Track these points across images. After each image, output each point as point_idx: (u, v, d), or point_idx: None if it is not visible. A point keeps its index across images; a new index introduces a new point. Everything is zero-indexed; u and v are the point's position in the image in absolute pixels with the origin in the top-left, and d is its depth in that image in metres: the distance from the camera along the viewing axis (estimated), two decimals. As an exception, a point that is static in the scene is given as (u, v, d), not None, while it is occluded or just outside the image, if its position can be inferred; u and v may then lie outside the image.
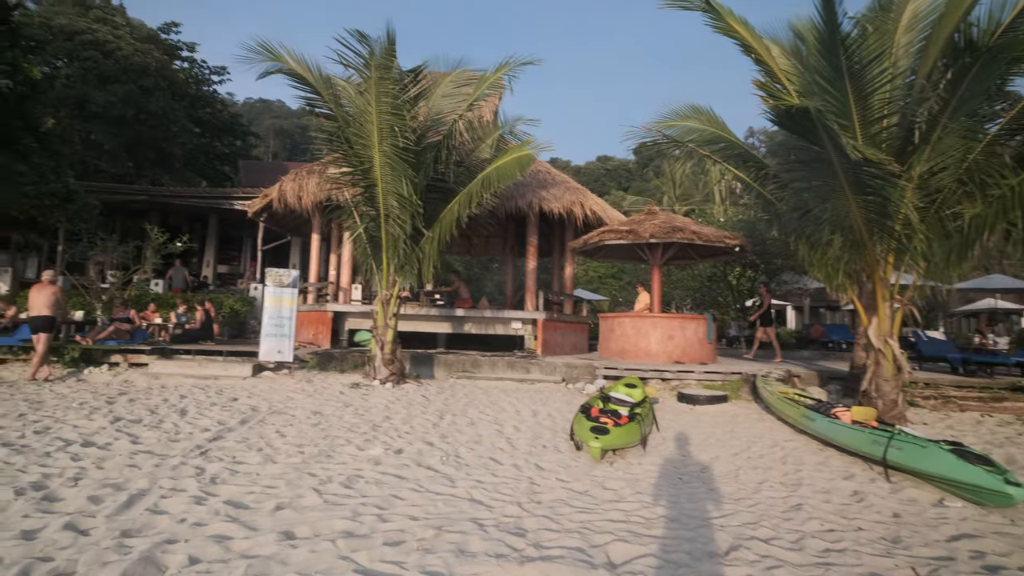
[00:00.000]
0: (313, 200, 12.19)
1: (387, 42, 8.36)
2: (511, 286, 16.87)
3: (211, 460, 4.78)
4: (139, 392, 7.84)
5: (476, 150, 10.60)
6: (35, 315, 8.68)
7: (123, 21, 26.36)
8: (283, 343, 10.00)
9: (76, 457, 4.72)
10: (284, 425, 6.16)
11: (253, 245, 16.68)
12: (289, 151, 52.72)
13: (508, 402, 8.17)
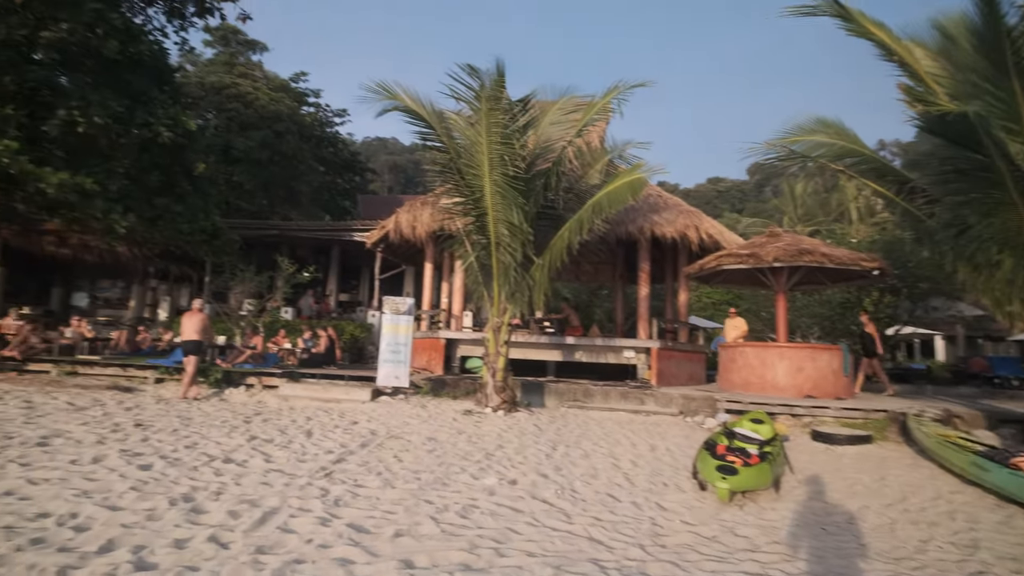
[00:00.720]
0: (426, 230, 12.65)
1: (496, 74, 8.56)
2: (621, 313, 16.44)
3: (334, 482, 4.93)
4: (271, 413, 8.38)
5: (585, 176, 10.51)
6: (186, 339, 9.65)
7: (261, 75, 29.41)
8: (400, 369, 10.33)
9: (218, 472, 5.05)
10: (401, 450, 6.28)
11: (371, 274, 17.61)
12: (403, 185, 55.80)
13: (623, 434, 7.83)
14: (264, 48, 31.99)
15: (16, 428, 6.38)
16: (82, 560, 3.15)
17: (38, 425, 6.60)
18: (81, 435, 6.19)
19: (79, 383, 10.07)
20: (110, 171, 12.56)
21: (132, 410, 7.95)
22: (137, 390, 10.02)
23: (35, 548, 3.28)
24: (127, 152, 12.98)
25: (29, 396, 8.62)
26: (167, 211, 13.41)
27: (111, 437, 6.18)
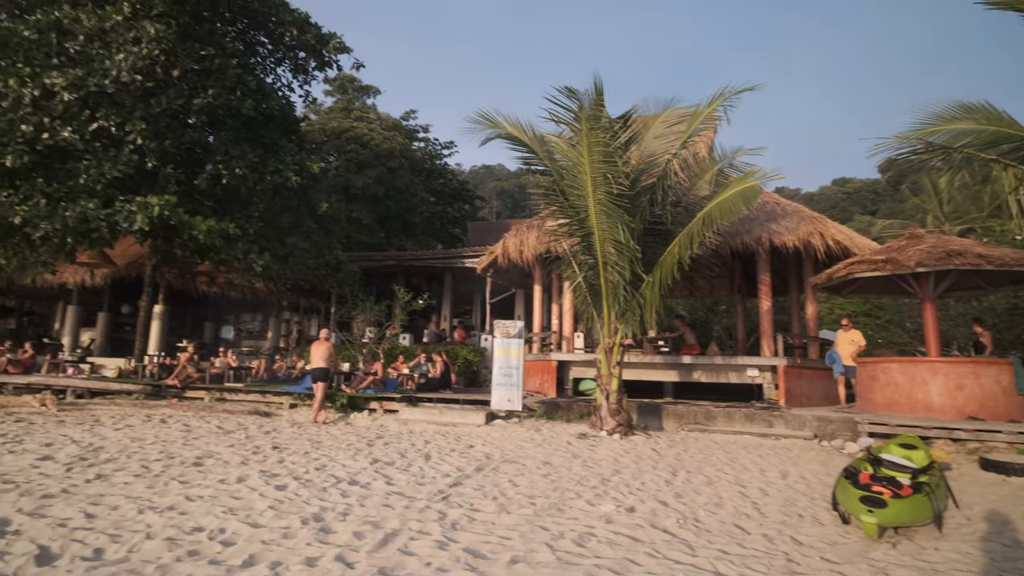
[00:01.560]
0: (533, 253, 12.75)
1: (595, 93, 8.53)
2: (743, 329, 15.52)
3: (452, 506, 5.00)
4: (392, 436, 8.74)
5: (693, 188, 10.14)
6: (315, 367, 10.37)
7: (375, 116, 31.59)
8: (512, 392, 10.40)
9: (345, 494, 5.31)
10: (516, 474, 6.27)
11: (483, 299, 18.04)
12: (511, 210, 56.96)
13: (750, 460, 7.30)
14: (377, 92, 34.44)
15: (177, 449, 7.15)
16: (228, 573, 3.41)
17: (194, 447, 7.35)
18: (228, 456, 6.81)
19: (226, 408, 11.13)
20: (248, 216, 13.97)
21: (270, 433, 8.64)
22: (274, 415, 10.89)
23: (191, 559, 3.61)
24: (262, 197, 14.39)
25: (187, 420, 9.65)
26: (296, 249, 14.64)
27: (253, 459, 6.73)
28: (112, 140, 12.49)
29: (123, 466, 6.15)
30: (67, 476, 5.68)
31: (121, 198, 11.89)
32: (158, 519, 4.38)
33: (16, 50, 12.84)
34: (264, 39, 16.90)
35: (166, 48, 12.58)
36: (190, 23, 14.18)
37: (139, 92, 12.68)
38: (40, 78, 11.93)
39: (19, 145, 11.32)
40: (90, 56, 12.72)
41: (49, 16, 12.77)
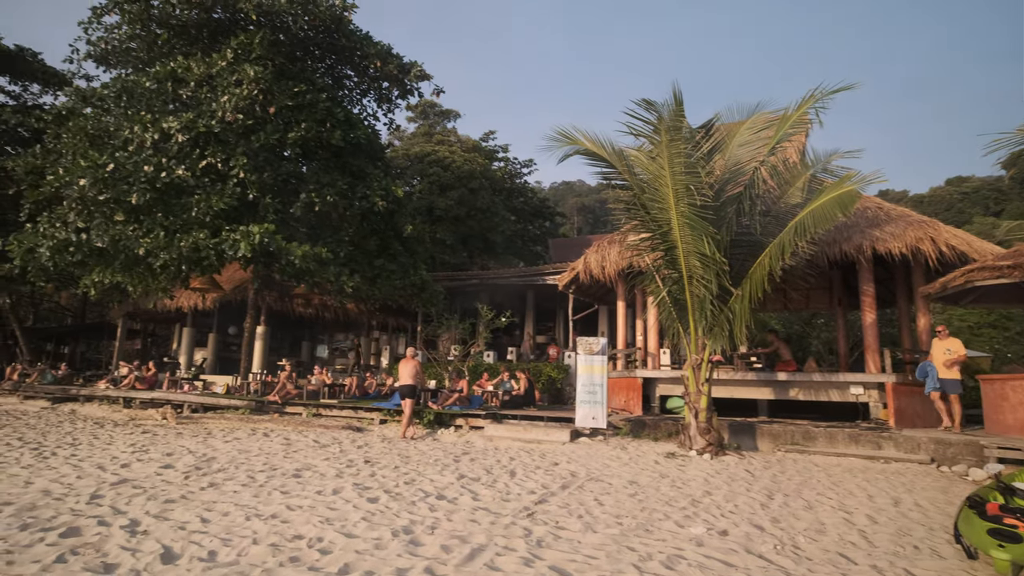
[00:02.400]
0: (615, 268, 12.60)
1: (674, 103, 8.37)
2: (845, 344, 14.51)
3: (537, 523, 4.98)
4: (478, 452, 8.84)
5: (784, 196, 9.67)
6: (402, 384, 10.71)
7: (455, 139, 32.56)
8: (596, 410, 10.26)
9: (433, 508, 5.42)
10: (602, 493, 6.16)
11: (566, 316, 17.98)
12: (592, 225, 56.69)
13: (856, 484, 6.78)
14: (457, 115, 35.52)
15: (278, 461, 7.59)
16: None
17: (293, 459, 7.77)
18: (324, 469, 7.14)
19: (322, 423, 11.70)
20: (339, 240, 14.75)
21: (362, 448, 8.98)
22: (366, 430, 11.32)
23: (293, 565, 3.81)
24: (351, 222, 15.15)
25: (287, 434, 10.23)
26: (384, 270, 15.27)
27: (347, 472, 7.03)
28: (219, 175, 13.64)
29: (232, 476, 6.60)
30: (185, 483, 6.18)
31: (227, 228, 12.92)
32: (263, 526, 4.66)
33: (140, 100, 14.37)
34: (350, 72, 17.97)
35: (264, 88, 13.63)
36: (284, 63, 15.30)
37: (241, 130, 13.79)
38: (159, 123, 13.27)
39: (142, 184, 12.59)
40: (199, 100, 14.00)
41: (166, 68, 14.21)
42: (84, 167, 12.57)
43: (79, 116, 15.46)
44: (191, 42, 15.72)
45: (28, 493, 5.66)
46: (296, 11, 15.01)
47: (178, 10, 14.71)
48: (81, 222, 12.88)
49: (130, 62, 16.19)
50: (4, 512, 4.96)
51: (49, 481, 6.20)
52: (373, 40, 16.77)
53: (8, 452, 8.05)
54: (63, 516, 4.85)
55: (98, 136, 14.31)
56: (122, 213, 12.75)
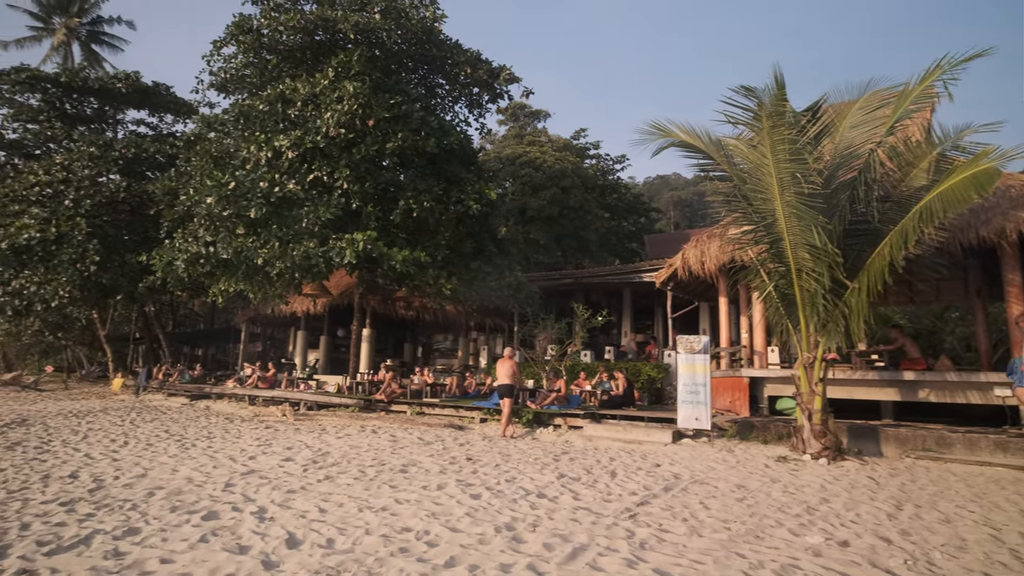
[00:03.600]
0: (716, 264, 12.09)
1: (776, 87, 7.90)
2: (986, 340, 13.00)
3: (639, 524, 4.89)
4: (577, 452, 8.81)
5: (906, 179, 8.83)
6: (500, 383, 10.88)
7: (546, 139, 32.63)
8: (699, 410, 9.91)
9: (534, 506, 5.47)
10: (707, 496, 5.93)
11: (664, 313, 17.51)
12: (689, 219, 54.79)
13: (1004, 497, 6.07)
14: (547, 115, 35.61)
15: (386, 457, 7.96)
16: (434, 571, 3.71)
17: (400, 456, 8.12)
18: (429, 465, 7.41)
19: (426, 421, 12.14)
20: (436, 244, 15.24)
21: (464, 446, 9.23)
22: (467, 428, 11.62)
23: (402, 555, 3.99)
24: (447, 226, 15.61)
25: (393, 431, 10.71)
26: (480, 272, 15.61)
27: (450, 468, 7.25)
28: (325, 187, 14.54)
29: (345, 470, 7.01)
30: (304, 475, 6.64)
31: (333, 237, 13.75)
32: (374, 518, 4.91)
33: (254, 122, 15.62)
34: (442, 80, 18.54)
35: (363, 102, 14.37)
36: (381, 77, 16.05)
37: (343, 143, 14.61)
38: (271, 142, 14.35)
39: (259, 199, 13.67)
40: (305, 118, 15.00)
41: (276, 90, 15.35)
42: (210, 186, 13.86)
43: (205, 140, 17.08)
44: (296, 64, 16.89)
45: (175, 479, 6.33)
46: (390, 26, 15.71)
47: (285, 36, 15.86)
48: (209, 236, 14.21)
49: (245, 87, 17.65)
50: (157, 495, 5.58)
51: (191, 470, 6.90)
52: (463, 48, 17.20)
53: (158, 443, 9.04)
54: (203, 501, 5.38)
55: (221, 158, 15.73)
56: (242, 227, 13.92)
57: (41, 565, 3.79)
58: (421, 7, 16.91)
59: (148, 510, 5.07)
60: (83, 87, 23.98)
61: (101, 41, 33.17)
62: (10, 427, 10.96)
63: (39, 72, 23.92)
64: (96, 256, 19.58)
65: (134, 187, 22.37)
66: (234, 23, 16.09)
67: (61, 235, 19.45)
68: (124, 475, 6.58)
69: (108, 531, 4.47)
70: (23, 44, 32.23)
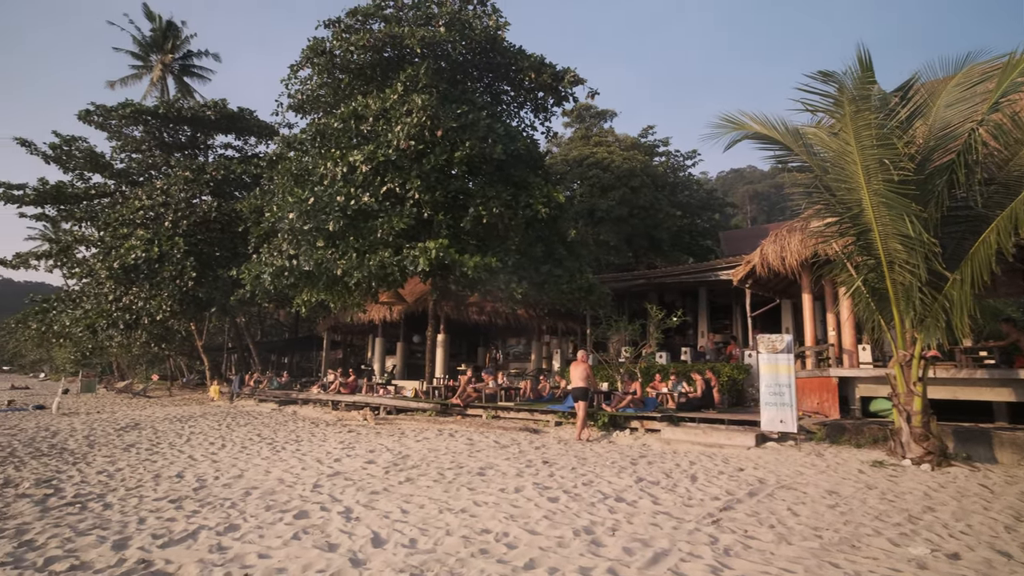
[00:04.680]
0: (798, 259, 11.54)
1: (859, 70, 7.44)
2: (1115, 333, 11.71)
3: (723, 530, 4.72)
4: (655, 456, 8.62)
5: (1014, 157, 8.08)
6: (575, 386, 10.82)
7: (613, 138, 32.20)
8: (784, 412, 9.46)
9: (612, 510, 5.40)
10: (795, 502, 5.65)
11: (743, 312, 16.87)
12: (767, 213, 52.55)
13: None
14: (613, 114, 35.16)
15: (464, 460, 8.10)
16: (514, 573, 3.74)
17: (477, 459, 8.23)
18: (505, 468, 7.47)
19: (501, 425, 12.25)
20: (506, 249, 15.38)
21: (540, 449, 9.24)
22: (542, 431, 11.62)
23: (483, 556, 4.05)
24: (516, 231, 15.72)
25: (470, 435, 10.87)
26: (550, 276, 15.61)
27: (526, 471, 7.28)
28: (397, 198, 15.00)
29: (424, 472, 7.19)
30: (386, 477, 6.87)
31: (407, 246, 14.16)
32: (454, 519, 5.01)
33: (330, 139, 16.36)
34: (507, 87, 18.73)
35: (431, 114, 14.73)
36: (447, 88, 16.40)
37: (413, 155, 15.03)
38: (346, 158, 14.97)
39: (336, 213, 14.29)
40: (377, 132, 15.54)
41: (349, 107, 16.01)
42: (291, 203, 14.62)
43: (285, 159, 18.06)
44: (367, 81, 17.56)
45: (268, 480, 6.70)
46: (454, 38, 16.04)
47: (355, 55, 16.53)
48: (292, 250, 14.99)
49: (320, 107, 18.52)
50: (252, 495, 5.93)
51: (282, 471, 7.28)
52: (526, 53, 17.31)
53: (252, 446, 9.61)
54: (294, 501, 5.67)
55: (300, 175, 16.56)
56: (322, 239, 14.59)
57: (156, 556, 4.12)
58: (484, 16, 17.18)
59: (245, 508, 5.40)
60: (178, 117, 26.01)
61: (192, 73, 35.81)
62: (126, 430, 11.98)
63: (141, 106, 26.15)
64: (193, 272, 21.13)
65: (224, 206, 24.02)
66: (309, 46, 16.94)
67: (163, 254, 21.11)
68: (223, 475, 7.04)
69: (212, 527, 4.80)
70: (127, 82, 35.32)
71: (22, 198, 26.56)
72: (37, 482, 6.68)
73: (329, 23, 17.33)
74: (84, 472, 7.34)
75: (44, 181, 26.54)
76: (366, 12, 17.14)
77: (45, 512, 5.35)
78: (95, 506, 5.56)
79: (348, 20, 17.16)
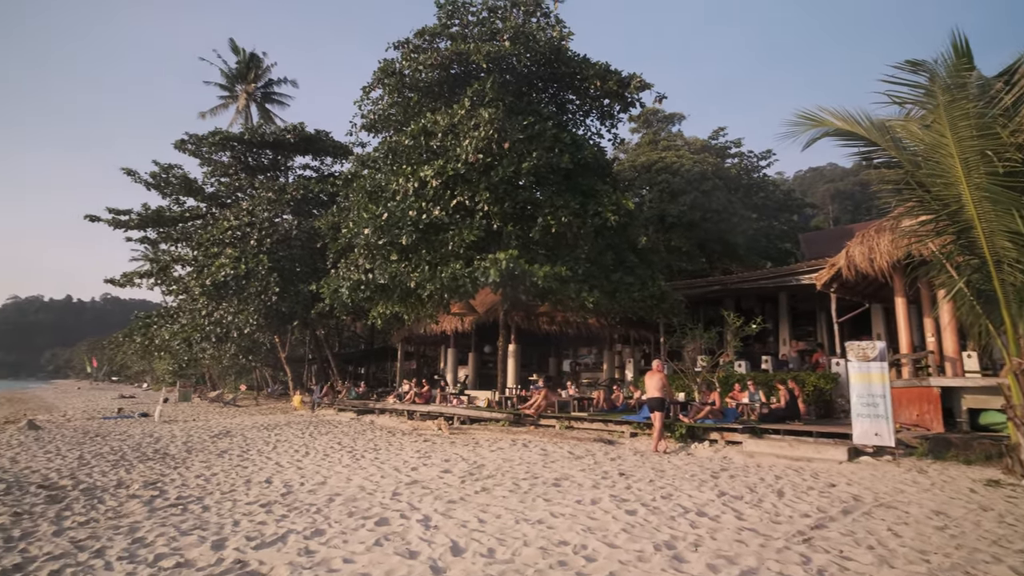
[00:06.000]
0: (888, 260, 10.82)
1: (954, 56, 6.94)
2: None
3: (816, 550, 4.46)
4: (737, 469, 8.26)
5: None
6: (650, 396, 10.56)
7: (682, 142, 31.47)
8: (880, 424, 8.84)
9: (693, 524, 5.22)
10: (897, 522, 5.25)
11: (828, 318, 15.97)
12: (851, 213, 49.62)
13: None
14: (681, 117, 34.41)
15: (538, 470, 8.06)
16: (593, 589, 3.67)
17: (551, 469, 8.18)
18: (581, 479, 7.37)
19: (574, 435, 12.12)
20: (576, 258, 15.27)
21: (615, 460, 9.06)
22: (617, 443, 11.41)
23: (561, 568, 4.01)
24: (586, 240, 15.59)
25: (543, 445, 10.82)
26: (621, 284, 15.36)
27: (602, 483, 7.15)
28: (467, 211, 15.25)
29: (500, 482, 7.21)
30: (461, 487, 6.93)
31: (478, 257, 14.33)
32: (531, 530, 4.98)
33: (401, 156, 16.87)
34: (572, 96, 18.69)
35: (497, 127, 14.91)
36: (513, 100, 16.55)
37: (482, 168, 15.25)
38: (417, 173, 15.38)
39: (409, 227, 14.68)
40: (446, 147, 15.88)
41: (418, 125, 16.47)
42: (366, 219, 15.15)
43: (360, 177, 18.78)
44: (435, 98, 18.00)
45: (349, 487, 6.92)
46: (519, 51, 16.19)
47: (424, 73, 17.01)
48: (367, 264, 15.52)
49: (391, 125, 19.15)
50: (335, 501, 6.14)
51: (362, 479, 7.51)
52: (591, 61, 17.23)
53: (333, 454, 9.97)
54: (375, 508, 5.83)
55: (374, 191, 17.15)
56: (396, 253, 15.02)
57: (251, 557, 4.33)
58: (548, 28, 17.26)
59: (330, 514, 5.59)
60: (261, 141, 27.70)
61: (273, 100, 38.01)
62: (219, 437, 12.74)
63: (228, 133, 28.06)
64: (276, 288, 22.30)
65: (303, 224, 25.27)
66: (380, 68, 17.58)
67: (249, 271, 22.39)
68: (308, 482, 7.34)
69: (299, 531, 5.00)
70: (216, 112, 38.00)
71: (128, 223, 29.05)
72: (145, 484, 7.20)
73: (398, 44, 17.93)
74: (184, 476, 7.85)
75: (146, 207, 28.96)
76: (433, 32, 17.62)
77: (152, 512, 5.75)
78: (195, 508, 5.93)
79: (416, 40, 17.70)
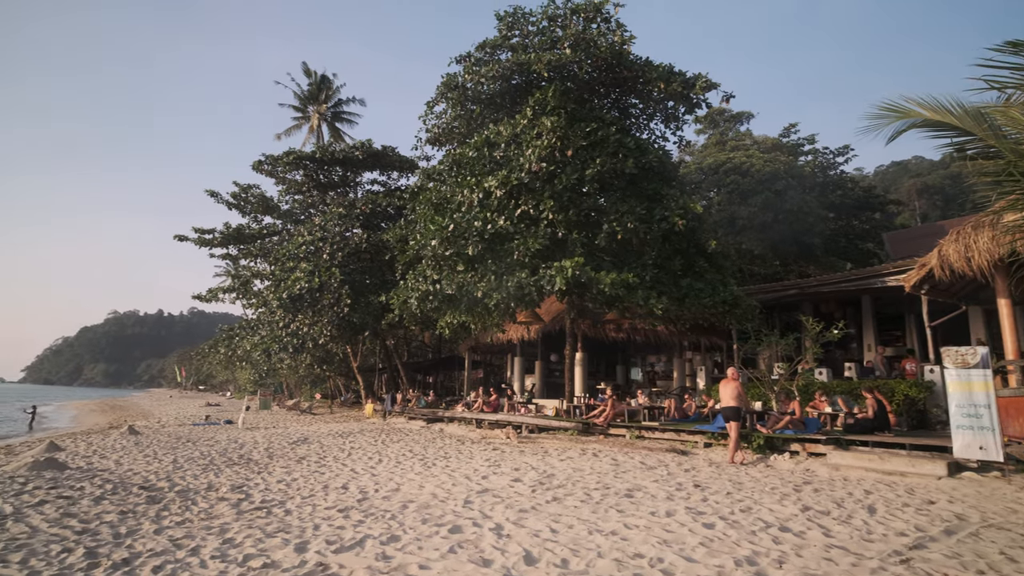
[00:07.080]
0: (989, 258, 9.98)
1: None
2: None
3: (915, 572, 4.13)
4: (821, 482, 7.81)
5: None
6: (724, 406, 10.17)
7: (751, 141, 30.32)
8: (984, 437, 8.13)
9: (776, 540, 4.96)
10: (1011, 546, 4.80)
11: (918, 322, 14.93)
12: (940, 209, 46.32)
13: None
14: (750, 116, 33.25)
15: (610, 480, 7.91)
16: (672, 605, 3.53)
17: (623, 480, 8.00)
18: (654, 491, 7.17)
19: (646, 445, 11.83)
20: (643, 264, 14.97)
21: (689, 471, 8.77)
22: (690, 453, 11.05)
23: (636, 585, 3.88)
24: (652, 245, 15.26)
25: (614, 455, 10.62)
26: (691, 289, 14.93)
27: (677, 495, 6.93)
28: (531, 220, 15.27)
29: (570, 492, 7.12)
30: (532, 496, 6.89)
31: (543, 266, 14.31)
32: (604, 541, 4.88)
33: (465, 168, 17.12)
34: (635, 100, 18.42)
35: (560, 135, 14.88)
36: (575, 108, 16.48)
37: (545, 176, 15.24)
38: (481, 184, 15.55)
39: (474, 238, 14.86)
40: (509, 158, 15.99)
41: (481, 136, 16.68)
42: (433, 230, 15.46)
43: (426, 190, 19.19)
44: (497, 109, 18.20)
45: (422, 495, 7.02)
46: (580, 57, 16.13)
47: (486, 85, 17.24)
48: (435, 275, 15.81)
49: (455, 138, 19.51)
50: (409, 508, 6.24)
51: (434, 487, 7.60)
52: (653, 64, 16.94)
53: (405, 461, 10.17)
54: (448, 515, 5.87)
55: (440, 204, 17.48)
56: (462, 264, 15.23)
57: (331, 560, 4.46)
58: (608, 33, 17.11)
59: (404, 520, 5.69)
60: (331, 159, 28.91)
61: (342, 119, 39.62)
62: (297, 444, 13.27)
63: (301, 152, 29.45)
64: (348, 299, 23.12)
65: (372, 238, 26.11)
66: (443, 83, 17.97)
67: (322, 284, 23.33)
68: (382, 489, 7.50)
69: (376, 536, 5.10)
70: (290, 133, 40.03)
71: (211, 241, 30.98)
72: (232, 488, 7.58)
73: (460, 59, 18.27)
74: (267, 480, 8.21)
75: (228, 225, 30.82)
76: (494, 44, 17.84)
77: (239, 515, 6.04)
78: (278, 511, 6.18)
79: (477, 54, 17.97)
